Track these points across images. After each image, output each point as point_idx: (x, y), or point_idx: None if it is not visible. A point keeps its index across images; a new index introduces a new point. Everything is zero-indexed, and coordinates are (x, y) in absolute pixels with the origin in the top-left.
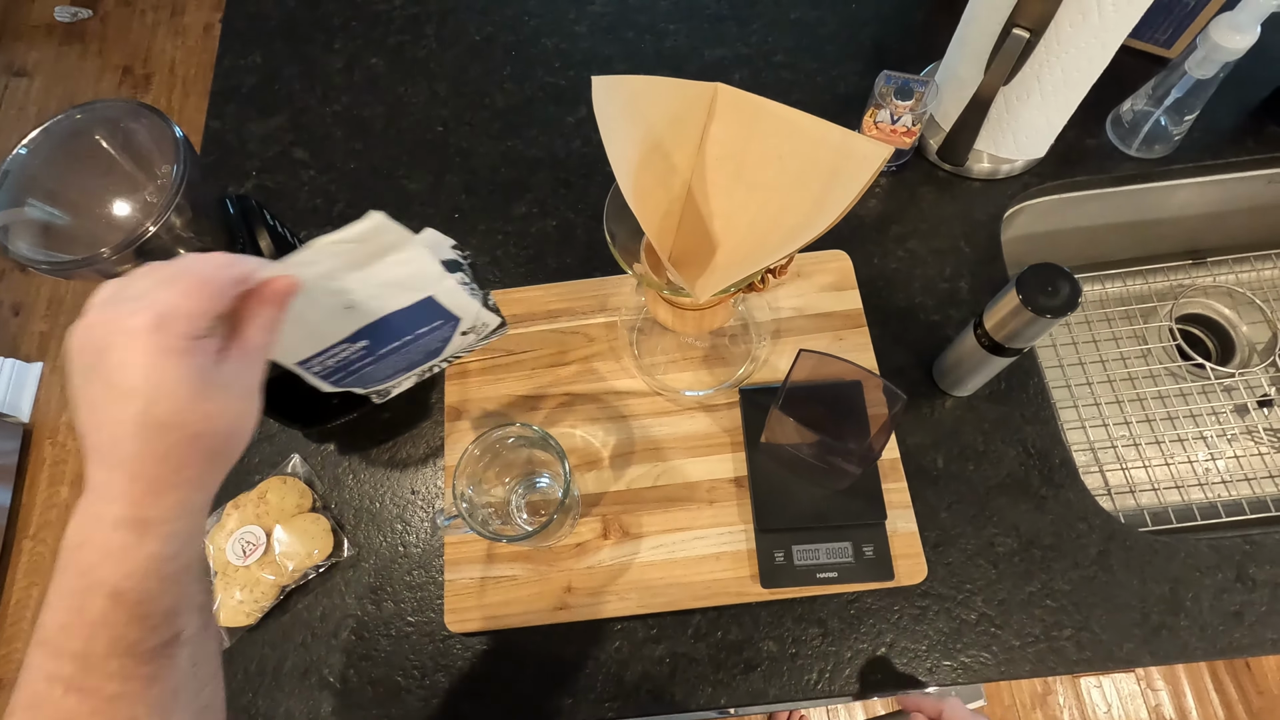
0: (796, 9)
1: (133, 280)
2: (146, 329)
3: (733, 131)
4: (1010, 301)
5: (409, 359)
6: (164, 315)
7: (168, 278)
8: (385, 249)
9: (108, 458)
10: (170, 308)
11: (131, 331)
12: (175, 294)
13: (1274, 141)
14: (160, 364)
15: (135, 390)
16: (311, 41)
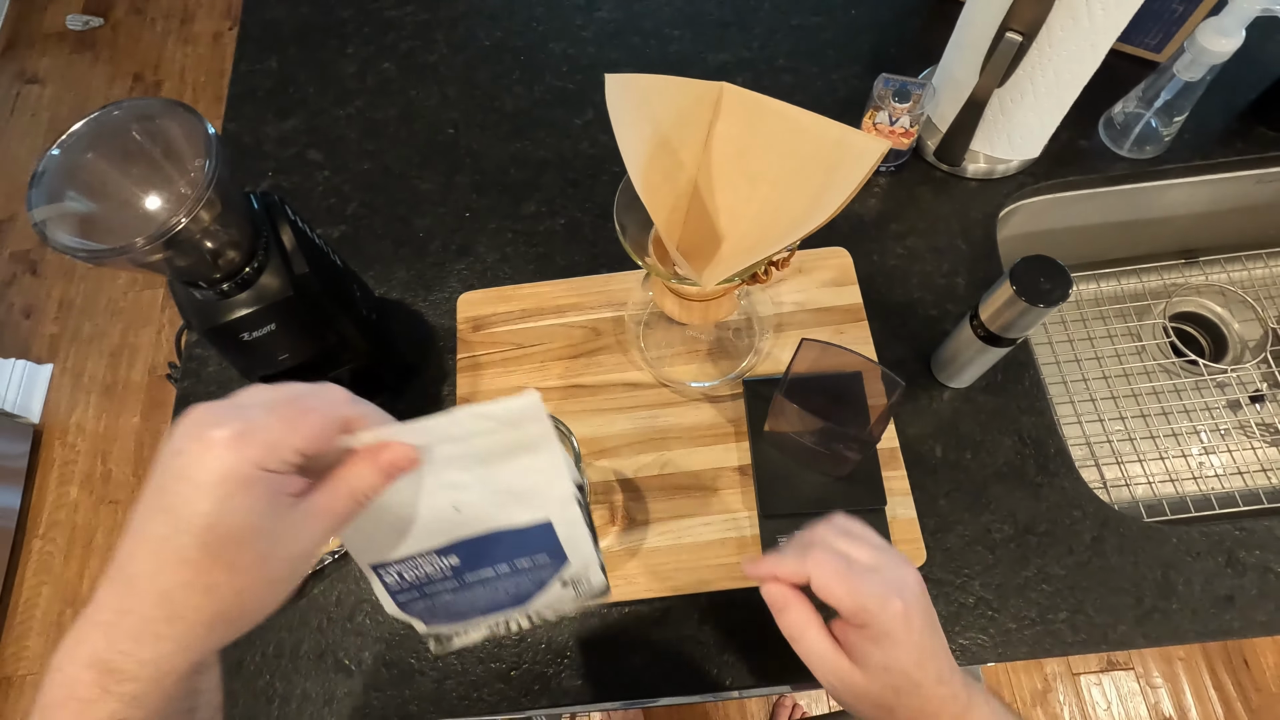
0: (797, 15)
1: (240, 393)
2: (222, 441)
3: (737, 129)
4: (1004, 292)
5: (493, 599)
6: (245, 433)
7: (273, 400)
8: (521, 446)
9: (119, 569)
10: (255, 427)
11: (207, 440)
12: (268, 415)
13: (1262, 142)
14: (216, 483)
15: (178, 502)
16: (325, 47)
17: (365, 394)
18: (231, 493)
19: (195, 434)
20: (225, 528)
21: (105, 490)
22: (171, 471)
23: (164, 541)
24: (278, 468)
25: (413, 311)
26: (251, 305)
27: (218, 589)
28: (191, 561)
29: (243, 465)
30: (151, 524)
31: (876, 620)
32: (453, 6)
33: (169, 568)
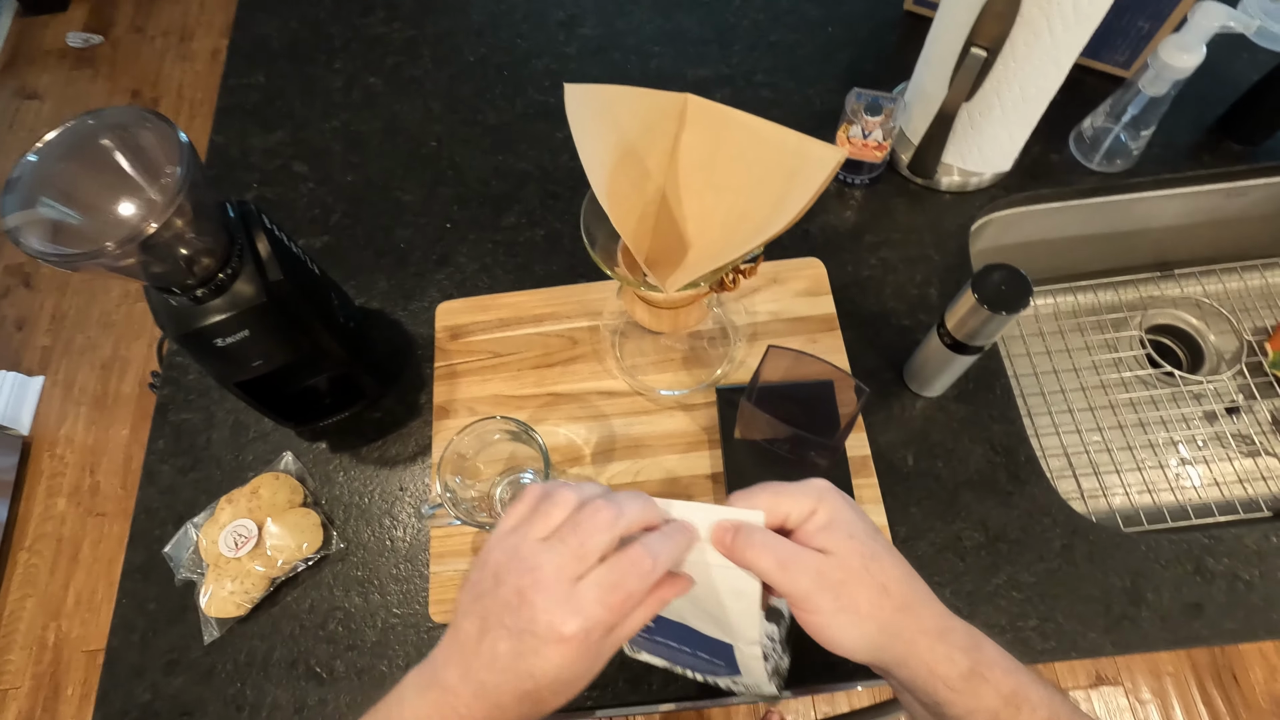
0: (775, 32)
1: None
2: (573, 640)
3: (702, 139)
4: (968, 300)
5: (673, 656)
6: (588, 629)
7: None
8: (735, 590)
9: (469, 670)
10: (594, 624)
11: (559, 640)
12: (602, 608)
13: (1229, 156)
14: (572, 667)
15: (542, 680)
16: (313, 62)
17: (344, 401)
18: (580, 664)
19: (550, 629)
20: (570, 682)
21: (93, 503)
22: (530, 650)
23: (528, 693)
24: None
25: (392, 320)
26: (225, 311)
27: (545, 705)
28: (544, 700)
29: (587, 647)
30: (518, 680)
31: (817, 501)
32: (438, 23)
33: (528, 706)
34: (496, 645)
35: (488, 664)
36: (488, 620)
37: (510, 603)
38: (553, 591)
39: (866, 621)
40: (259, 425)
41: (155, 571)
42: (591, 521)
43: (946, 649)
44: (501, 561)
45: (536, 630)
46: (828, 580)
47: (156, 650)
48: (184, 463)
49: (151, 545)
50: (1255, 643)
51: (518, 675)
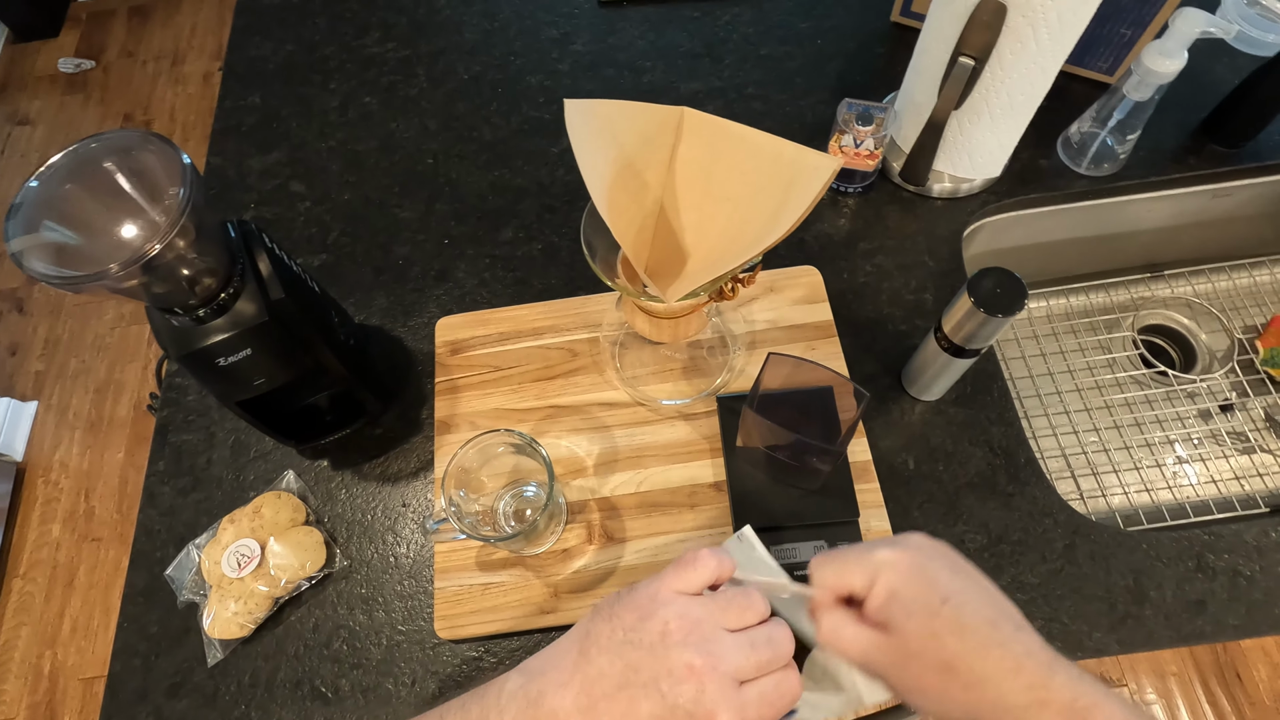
0: (766, 45)
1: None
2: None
3: (699, 151)
4: (964, 304)
5: None
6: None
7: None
8: None
9: (594, 715)
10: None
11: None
12: (759, 714)
13: (1214, 158)
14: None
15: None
16: (309, 83)
17: (345, 418)
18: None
19: (708, 715)
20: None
21: (88, 528)
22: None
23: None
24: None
25: (392, 337)
26: (227, 330)
27: None
28: None
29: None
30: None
31: (874, 574)
32: (433, 42)
33: None
34: (638, 703)
35: (620, 715)
36: (639, 674)
37: (677, 674)
38: (726, 688)
39: (941, 703)
40: (260, 444)
41: (157, 594)
42: (783, 644)
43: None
44: (674, 625)
45: (695, 713)
46: (881, 662)
47: (160, 674)
48: (185, 484)
49: (153, 568)
50: (1258, 638)
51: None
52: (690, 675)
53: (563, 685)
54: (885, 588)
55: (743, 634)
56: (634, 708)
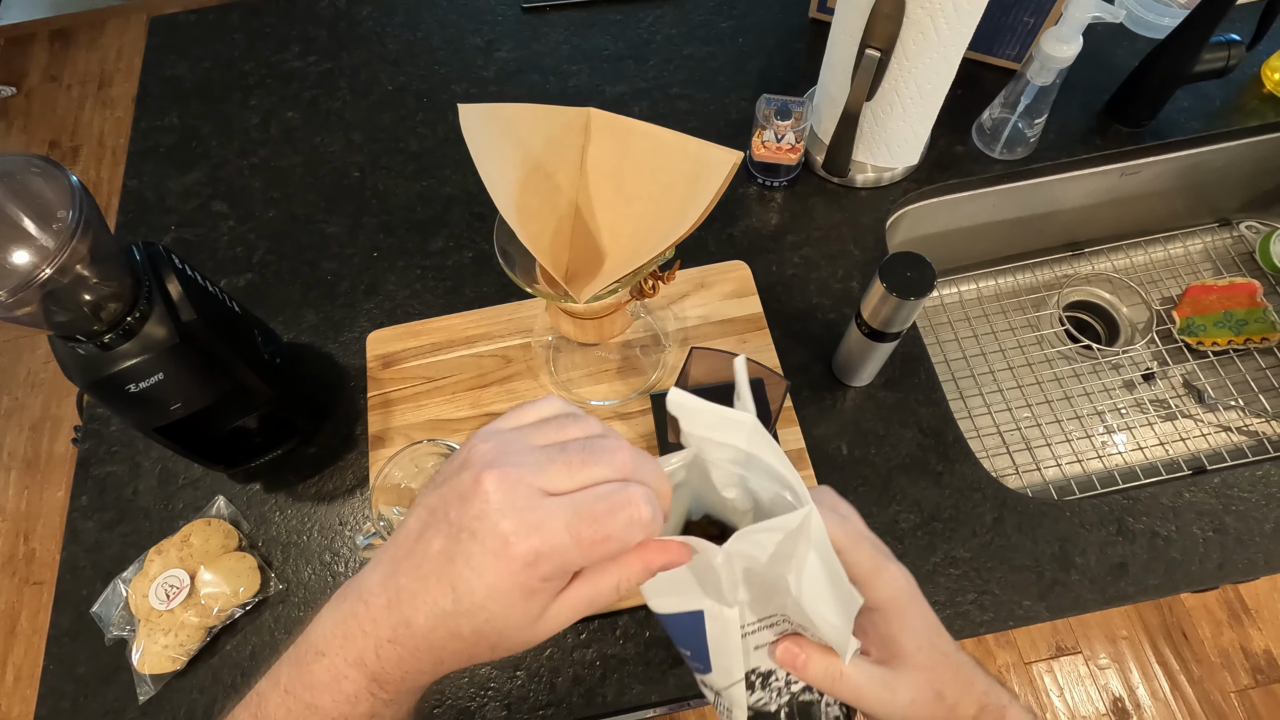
0: (689, 46)
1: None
2: (520, 558)
3: (608, 150)
4: (878, 290)
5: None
6: (543, 555)
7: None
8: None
9: (398, 601)
10: (553, 548)
11: (507, 554)
12: (568, 535)
13: (1119, 138)
14: (505, 591)
15: (465, 591)
16: (227, 100)
17: (276, 439)
18: (515, 601)
19: (496, 535)
20: (500, 623)
21: (29, 571)
22: (464, 554)
23: (445, 614)
24: (560, 581)
25: (323, 354)
26: (136, 355)
27: (477, 656)
28: (463, 637)
29: (531, 580)
30: (437, 589)
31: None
32: (355, 55)
33: (442, 634)
34: (431, 542)
35: (415, 566)
36: (434, 512)
37: (464, 492)
38: (517, 493)
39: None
40: (189, 471)
41: (84, 633)
42: (608, 450)
43: None
44: (478, 446)
45: (478, 531)
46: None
47: (88, 715)
48: (109, 517)
49: (79, 606)
50: (1200, 596)
51: (439, 584)
52: (475, 487)
53: (377, 563)
54: (899, 615)
55: (553, 444)
56: (426, 551)
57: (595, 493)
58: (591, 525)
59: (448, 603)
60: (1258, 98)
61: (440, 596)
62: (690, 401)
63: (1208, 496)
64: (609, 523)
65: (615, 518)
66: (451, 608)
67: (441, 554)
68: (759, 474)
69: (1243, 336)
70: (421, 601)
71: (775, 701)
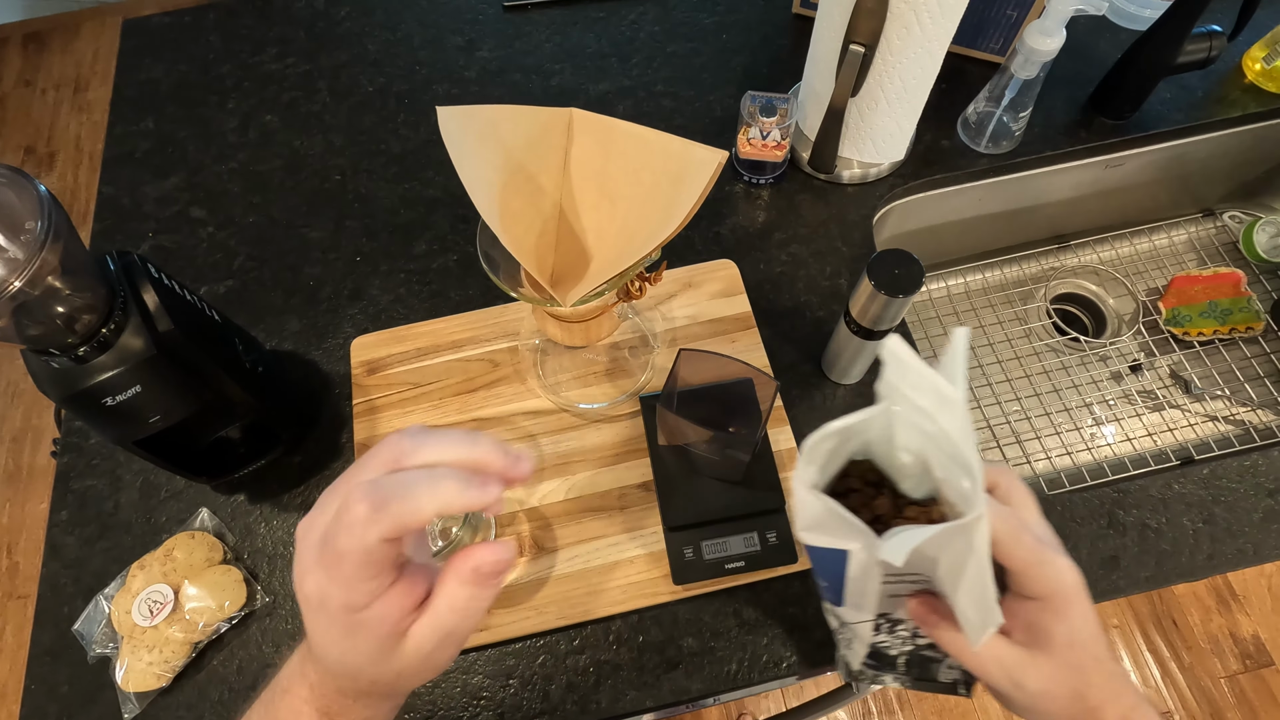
0: (673, 43)
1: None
2: (308, 605)
3: (591, 151)
4: (866, 288)
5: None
6: (313, 593)
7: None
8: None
9: (309, 649)
10: (316, 584)
11: (302, 604)
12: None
13: (1103, 131)
14: (329, 639)
15: (315, 648)
16: (204, 103)
17: (260, 449)
18: (340, 640)
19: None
20: (351, 662)
21: (12, 585)
22: (307, 594)
23: (316, 660)
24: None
25: (307, 361)
26: (113, 368)
27: (372, 693)
28: (340, 676)
29: (336, 617)
30: (309, 639)
31: (1060, 584)
32: (334, 55)
33: (328, 676)
34: (321, 527)
35: (314, 554)
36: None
37: (345, 490)
38: (306, 544)
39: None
40: (171, 484)
41: (66, 651)
42: (340, 534)
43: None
44: (296, 556)
45: (297, 585)
46: (1018, 681)
47: None
48: (90, 532)
49: (60, 624)
50: (1190, 585)
51: (308, 634)
52: (343, 483)
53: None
54: (1056, 609)
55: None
56: (324, 536)
57: (336, 517)
58: (326, 547)
59: (311, 649)
60: (1239, 88)
61: (309, 645)
62: (905, 354)
63: (1196, 487)
64: (336, 536)
65: (339, 529)
66: (316, 654)
67: (324, 530)
68: (942, 452)
69: (1227, 326)
70: (312, 648)
71: (898, 648)
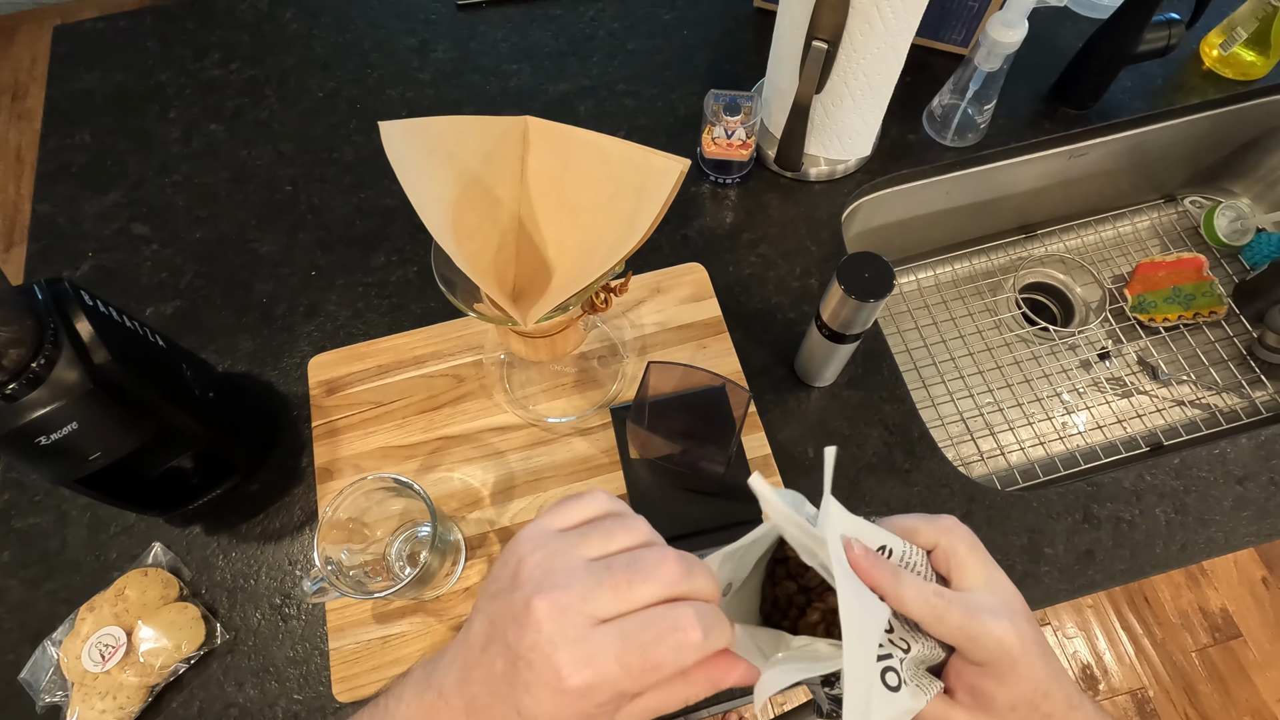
0: (633, 40)
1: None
2: (573, 693)
3: (548, 161)
4: (836, 293)
5: None
6: (594, 687)
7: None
8: None
9: (475, 711)
10: (605, 680)
11: (555, 686)
12: (619, 665)
13: (1066, 121)
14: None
15: (523, 714)
16: (144, 113)
17: (214, 478)
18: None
19: (550, 668)
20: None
21: None
22: (523, 683)
23: (505, 710)
24: (620, 702)
25: (262, 383)
26: (46, 405)
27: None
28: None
29: (588, 708)
30: (504, 708)
31: (998, 653)
32: (280, 60)
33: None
34: (495, 661)
35: (484, 678)
36: (495, 627)
37: (518, 615)
38: (566, 622)
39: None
40: (121, 518)
41: (13, 702)
42: (654, 565)
43: None
44: (528, 558)
45: (534, 662)
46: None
47: None
48: (35, 574)
49: (6, 672)
50: (1144, 578)
51: (507, 703)
52: (527, 614)
53: (452, 661)
54: (999, 675)
55: (599, 560)
56: (492, 667)
57: (644, 618)
58: (641, 655)
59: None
60: (1198, 75)
61: (509, 715)
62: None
63: (1168, 477)
64: (657, 651)
65: (664, 644)
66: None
67: (504, 677)
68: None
69: (1192, 311)
70: (492, 715)
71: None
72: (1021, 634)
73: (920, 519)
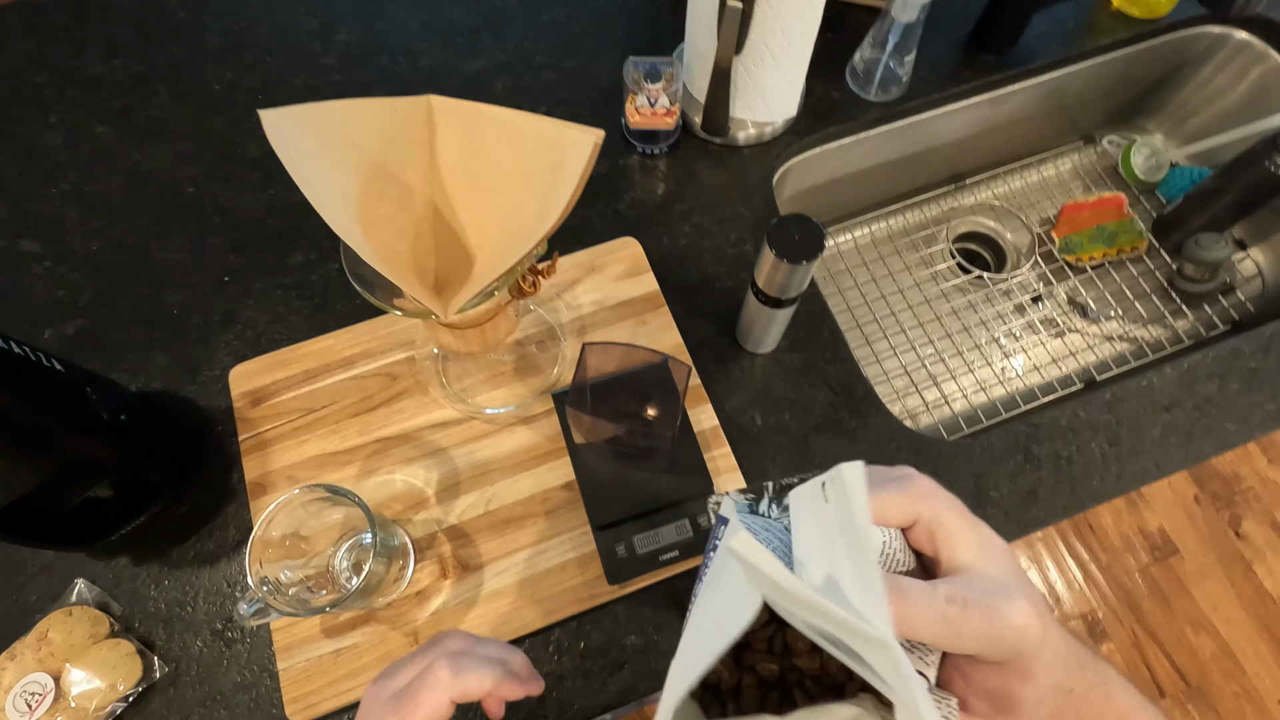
0: (548, 10)
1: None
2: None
3: (458, 140)
4: (769, 257)
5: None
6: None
7: None
8: None
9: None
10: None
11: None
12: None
13: (985, 68)
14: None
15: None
16: (21, 119)
17: (137, 505)
18: None
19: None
20: None
21: None
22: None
23: None
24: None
25: (181, 399)
26: None
27: None
28: None
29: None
30: None
31: (1020, 645)
32: (169, 52)
33: None
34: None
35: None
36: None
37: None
38: (377, 699)
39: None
40: (37, 558)
41: None
42: (423, 689)
43: None
44: (361, 710)
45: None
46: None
47: None
48: None
49: None
50: (1083, 511)
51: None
52: (421, 656)
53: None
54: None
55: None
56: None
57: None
58: (403, 697)
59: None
60: (1107, 15)
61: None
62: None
63: (1100, 412)
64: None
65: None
66: None
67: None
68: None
69: (1115, 248)
70: None
71: None
72: (1038, 609)
73: (888, 491)
